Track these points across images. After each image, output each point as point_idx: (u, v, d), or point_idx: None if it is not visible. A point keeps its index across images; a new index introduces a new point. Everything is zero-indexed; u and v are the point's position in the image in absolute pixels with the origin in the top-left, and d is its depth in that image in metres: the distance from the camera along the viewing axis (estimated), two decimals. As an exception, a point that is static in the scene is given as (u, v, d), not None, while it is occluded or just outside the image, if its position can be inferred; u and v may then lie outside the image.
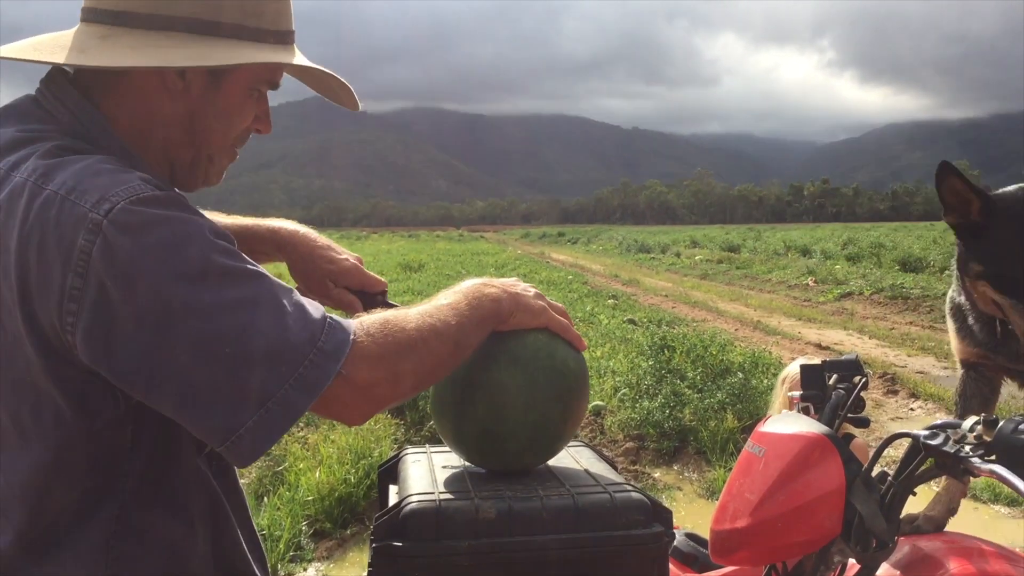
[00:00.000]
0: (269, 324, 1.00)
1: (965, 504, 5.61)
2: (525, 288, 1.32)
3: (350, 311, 1.44)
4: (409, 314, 1.14)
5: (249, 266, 1.04)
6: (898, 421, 7.59)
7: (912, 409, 8.02)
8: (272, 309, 1.01)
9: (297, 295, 1.06)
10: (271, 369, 0.98)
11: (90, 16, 1.13)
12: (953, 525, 1.92)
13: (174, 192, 1.06)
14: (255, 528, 1.30)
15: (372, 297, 1.49)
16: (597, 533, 1.17)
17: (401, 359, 1.08)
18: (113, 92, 1.14)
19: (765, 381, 7.91)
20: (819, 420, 1.65)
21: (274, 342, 0.99)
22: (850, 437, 2.48)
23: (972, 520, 5.29)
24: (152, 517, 1.08)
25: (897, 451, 1.99)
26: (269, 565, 4.35)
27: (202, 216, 1.05)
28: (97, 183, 1.00)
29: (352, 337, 1.05)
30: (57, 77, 1.15)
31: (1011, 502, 5.51)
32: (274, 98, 1.31)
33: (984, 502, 5.58)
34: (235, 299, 0.99)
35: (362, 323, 1.09)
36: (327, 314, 1.07)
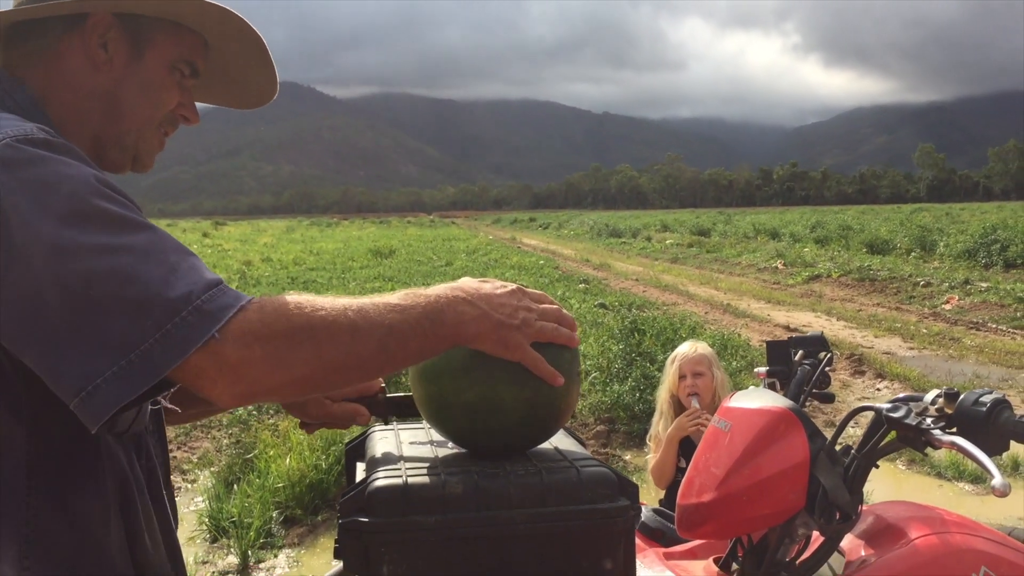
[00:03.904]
0: (142, 273, 0.95)
1: (929, 481, 5.69)
2: (512, 314, 1.17)
3: (360, 422, 1.40)
4: (326, 302, 1.05)
5: (135, 216, 1.00)
6: (865, 401, 7.70)
7: (879, 389, 8.13)
8: (150, 259, 0.96)
9: (194, 257, 1.01)
10: (137, 320, 0.93)
11: None
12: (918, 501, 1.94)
13: (69, 144, 1.03)
14: (171, 522, 1.26)
15: (373, 398, 1.45)
16: (564, 508, 1.17)
17: (291, 345, 0.99)
18: (39, 69, 1.15)
19: (735, 363, 7.98)
20: (785, 395, 1.67)
21: (145, 292, 0.94)
22: None
23: (937, 497, 5.38)
24: (68, 494, 1.05)
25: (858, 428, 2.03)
26: (239, 552, 4.29)
27: (96, 168, 1.03)
28: None
29: (241, 304, 0.98)
30: None
31: (975, 479, 5.60)
32: None
33: (948, 479, 5.67)
34: (109, 244, 0.95)
35: (262, 298, 1.02)
36: (224, 282, 1.01)
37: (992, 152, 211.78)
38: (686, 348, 3.49)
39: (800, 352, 1.79)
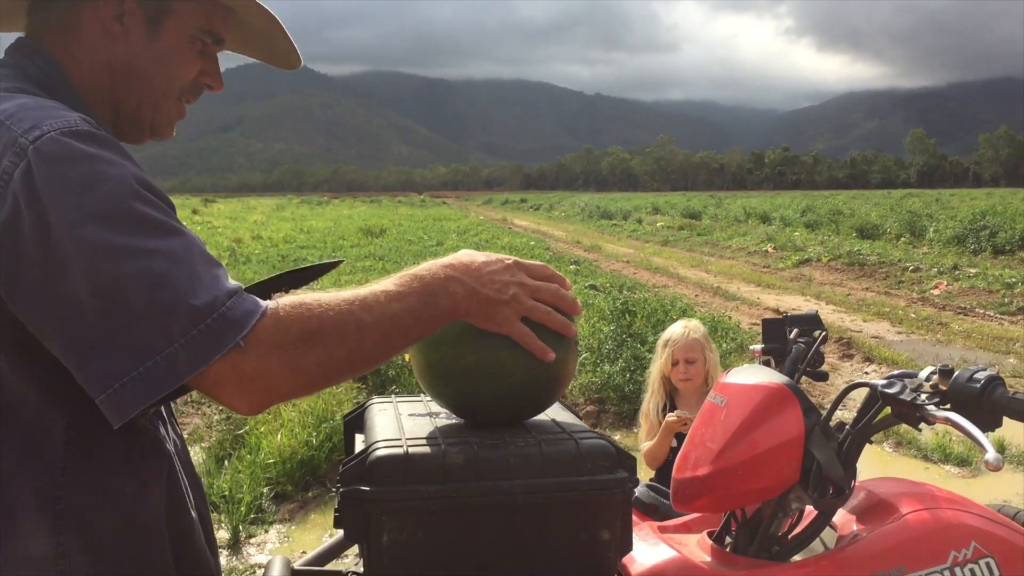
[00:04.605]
0: (173, 278, 0.96)
1: (915, 463, 5.73)
2: (501, 289, 1.18)
3: None
4: (331, 300, 1.05)
5: (169, 221, 1.01)
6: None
7: (867, 372, 8.18)
8: (181, 265, 0.98)
9: (219, 267, 1.03)
10: (165, 324, 0.95)
11: None
12: (907, 478, 1.96)
13: (111, 137, 1.04)
14: (205, 497, 1.28)
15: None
16: (563, 478, 1.18)
17: (305, 351, 1.01)
18: (60, 37, 1.15)
19: (724, 345, 8.01)
20: (780, 372, 1.68)
21: (174, 297, 0.96)
22: None
23: (922, 479, 5.41)
24: (101, 472, 1.06)
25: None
26: (230, 527, 4.29)
27: (134, 164, 1.03)
28: (36, 114, 1.01)
29: (262, 311, 1.00)
30: (21, 39, 1.18)
31: (960, 462, 5.65)
32: (233, 60, 1.31)
33: (934, 462, 5.72)
34: (143, 247, 0.96)
35: (275, 304, 1.03)
36: (242, 288, 1.02)
37: (983, 138, 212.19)
38: (678, 331, 3.45)
39: (795, 330, 1.80)
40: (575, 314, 1.26)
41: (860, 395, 1.58)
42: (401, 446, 1.18)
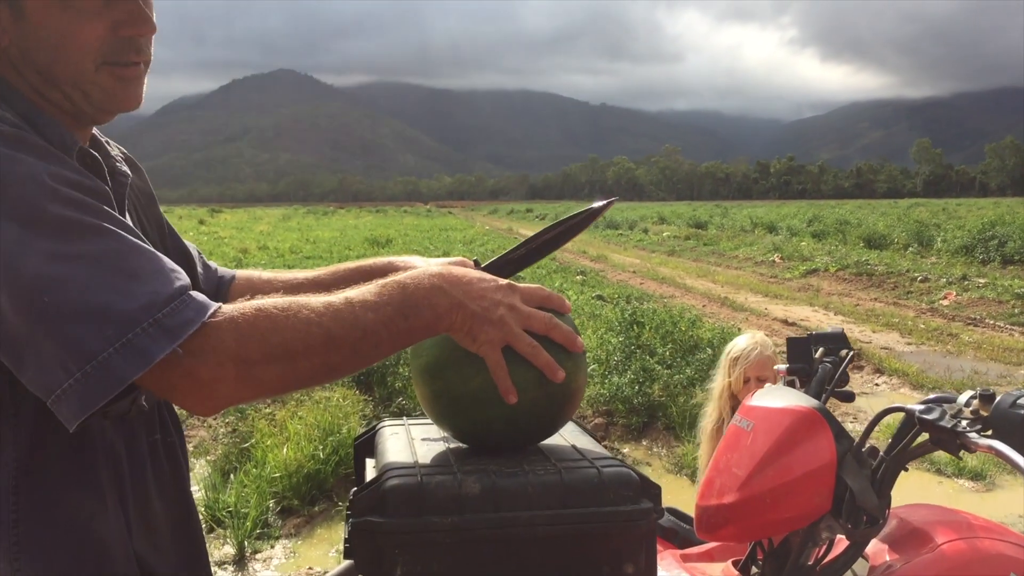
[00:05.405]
0: (100, 282, 0.91)
1: (929, 478, 5.66)
2: (490, 308, 1.10)
3: None
4: (299, 309, 1.00)
5: (94, 220, 0.95)
6: (863, 396, 7.67)
7: (877, 384, 8.11)
8: (108, 267, 0.93)
9: (159, 260, 0.97)
10: (96, 329, 0.90)
11: None
12: (919, 500, 1.90)
13: (25, 134, 0.98)
14: (192, 502, 1.24)
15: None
16: (585, 509, 1.12)
17: (266, 363, 0.96)
18: None
19: (734, 357, 7.94)
20: (806, 393, 1.62)
21: (102, 301, 0.90)
22: None
23: (937, 494, 5.35)
24: (57, 491, 1.02)
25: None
26: (235, 543, 4.22)
27: (54, 162, 0.97)
28: None
29: (206, 320, 0.94)
30: None
31: (974, 476, 5.58)
32: (239, 71, 1.23)
33: (948, 476, 5.65)
34: (61, 252, 0.91)
35: (235, 309, 0.97)
36: (191, 291, 0.96)
37: (989, 148, 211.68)
38: (748, 347, 3.23)
39: (820, 349, 1.74)
40: (573, 349, 1.16)
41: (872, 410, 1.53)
42: (415, 474, 1.12)
